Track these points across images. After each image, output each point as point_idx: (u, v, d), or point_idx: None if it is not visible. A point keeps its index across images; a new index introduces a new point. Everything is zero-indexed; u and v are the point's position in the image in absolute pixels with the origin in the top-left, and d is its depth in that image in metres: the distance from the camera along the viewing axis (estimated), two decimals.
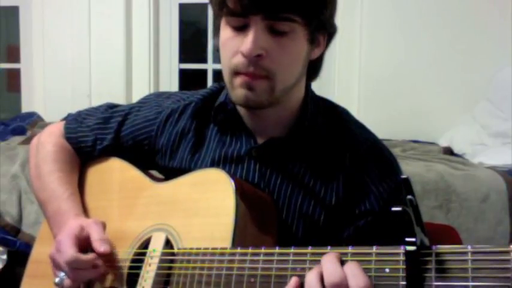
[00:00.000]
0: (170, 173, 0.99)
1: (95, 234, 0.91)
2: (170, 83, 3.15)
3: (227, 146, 0.96)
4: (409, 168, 1.97)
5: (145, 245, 0.91)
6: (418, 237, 0.60)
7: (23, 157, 2.00)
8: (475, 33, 2.65)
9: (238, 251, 0.76)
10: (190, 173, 0.93)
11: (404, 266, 0.61)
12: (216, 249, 0.79)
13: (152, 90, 3.07)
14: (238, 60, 0.83)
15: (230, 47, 0.85)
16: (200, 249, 0.81)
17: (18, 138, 2.50)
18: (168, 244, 0.87)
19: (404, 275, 0.61)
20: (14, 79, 3.31)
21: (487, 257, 0.57)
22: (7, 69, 3.41)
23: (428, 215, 1.82)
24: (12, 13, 3.22)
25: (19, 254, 1.81)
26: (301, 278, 0.69)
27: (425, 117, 2.74)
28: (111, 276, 0.92)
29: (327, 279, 0.63)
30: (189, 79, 3.21)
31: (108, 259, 0.91)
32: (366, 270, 0.64)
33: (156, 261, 0.86)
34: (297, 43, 0.84)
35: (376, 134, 0.98)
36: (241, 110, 0.95)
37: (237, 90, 0.86)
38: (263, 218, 0.86)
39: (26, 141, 2.34)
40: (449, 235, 1.47)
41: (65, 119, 1.15)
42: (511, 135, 2.30)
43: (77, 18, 3.05)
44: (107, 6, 3.03)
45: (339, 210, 0.90)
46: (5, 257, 1.82)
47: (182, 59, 3.17)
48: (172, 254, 0.85)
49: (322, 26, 0.88)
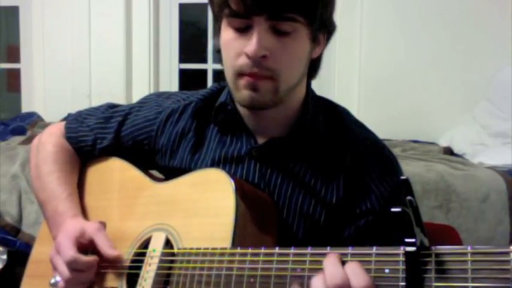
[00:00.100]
0: (170, 173, 0.99)
1: (102, 241, 0.91)
2: (170, 83, 3.15)
3: (227, 146, 0.96)
4: (409, 168, 1.97)
5: (145, 245, 0.91)
6: (418, 238, 0.60)
7: (23, 157, 2.00)
8: (475, 33, 2.65)
9: (238, 251, 0.76)
10: (191, 173, 0.93)
11: (404, 267, 0.61)
12: (216, 249, 0.79)
13: (152, 90, 3.07)
14: (243, 61, 0.83)
15: (233, 49, 0.84)
16: (200, 249, 0.81)
17: (18, 138, 2.50)
18: (168, 244, 0.87)
19: (404, 275, 0.61)
20: (14, 79, 3.31)
21: (487, 257, 0.56)
22: (7, 69, 3.41)
23: (428, 215, 1.82)
24: (12, 13, 3.22)
25: (19, 254, 1.81)
26: (301, 278, 0.69)
27: (425, 117, 2.74)
28: (111, 276, 0.92)
29: (329, 281, 0.63)
30: (189, 79, 3.20)
31: (108, 259, 0.91)
32: (365, 271, 0.63)
33: (156, 261, 0.86)
34: (299, 43, 0.84)
35: (376, 134, 0.98)
36: (242, 110, 0.95)
37: (241, 92, 0.85)
38: (263, 218, 0.86)
39: (26, 141, 2.35)
40: (449, 235, 1.47)
41: (65, 119, 1.16)
42: (511, 135, 2.30)
43: (77, 18, 3.05)
44: (107, 6, 3.03)
45: (340, 209, 0.90)
46: (5, 257, 1.82)
47: (182, 59, 3.17)
48: (172, 254, 0.85)
49: (323, 24, 0.88)
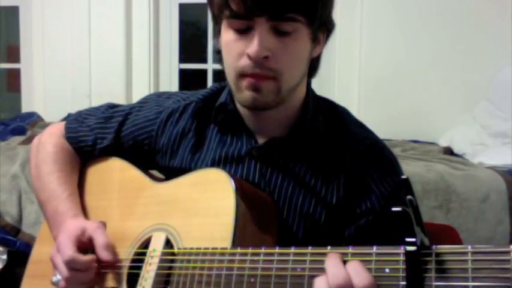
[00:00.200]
0: (170, 172, 0.99)
1: (99, 240, 0.91)
2: (170, 83, 3.15)
3: (227, 146, 0.96)
4: (409, 168, 1.97)
5: (146, 244, 0.91)
6: (418, 238, 0.60)
7: (23, 157, 2.00)
8: (475, 33, 2.65)
9: (239, 251, 0.76)
10: (191, 172, 0.93)
11: (404, 266, 0.61)
12: (216, 249, 0.79)
13: (152, 90, 3.07)
14: (244, 62, 0.83)
15: (234, 50, 0.84)
16: (200, 249, 0.81)
17: (18, 138, 2.50)
18: (168, 244, 0.87)
19: (404, 275, 0.61)
20: (14, 79, 3.31)
21: (487, 257, 0.56)
22: (7, 69, 3.41)
23: (428, 215, 1.82)
24: (12, 13, 3.22)
25: (19, 254, 1.81)
26: (301, 278, 0.69)
27: (425, 117, 2.74)
28: (112, 276, 0.92)
29: (332, 282, 0.63)
30: (189, 79, 3.20)
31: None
32: (367, 270, 0.63)
33: (156, 261, 0.86)
34: (300, 42, 0.84)
35: (376, 134, 0.98)
36: (242, 110, 0.95)
37: (244, 93, 0.85)
38: (263, 218, 0.86)
39: (26, 141, 2.35)
40: (449, 235, 1.46)
41: (65, 119, 1.16)
42: (511, 135, 2.30)
43: (77, 18, 3.05)
44: (106, 6, 3.03)
45: (340, 209, 0.90)
46: (5, 257, 1.82)
47: (182, 59, 3.17)
48: (173, 254, 0.85)
49: (323, 23, 0.88)
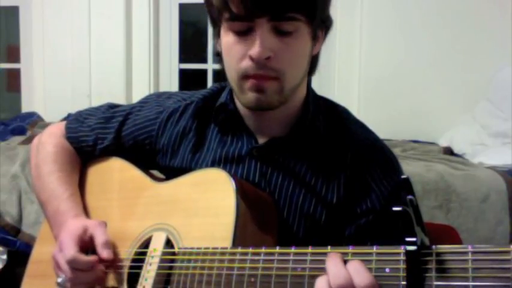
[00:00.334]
0: (171, 172, 0.99)
1: (99, 238, 0.91)
2: (170, 83, 3.15)
3: (228, 146, 0.96)
4: (409, 168, 1.97)
5: (146, 244, 0.91)
6: (419, 237, 0.60)
7: (23, 157, 2.00)
8: (475, 33, 2.65)
9: (239, 250, 0.76)
10: (191, 172, 0.93)
11: (404, 266, 0.61)
12: (216, 249, 0.79)
13: (152, 90, 3.07)
14: (247, 64, 0.83)
15: (235, 52, 0.84)
16: (201, 248, 0.81)
17: (18, 138, 2.50)
18: (168, 244, 0.87)
19: (404, 274, 0.61)
20: (14, 79, 3.31)
21: (488, 257, 0.56)
22: (7, 69, 3.41)
23: (428, 215, 1.82)
24: (12, 13, 3.22)
25: (19, 254, 1.81)
26: (301, 277, 0.69)
27: (425, 117, 2.74)
28: (112, 276, 0.92)
29: (332, 282, 0.63)
30: (189, 79, 3.20)
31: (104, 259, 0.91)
32: (367, 269, 0.63)
33: (156, 260, 0.86)
34: (301, 41, 0.85)
35: (376, 134, 0.98)
36: (242, 111, 0.95)
37: (247, 94, 0.86)
38: (263, 218, 0.86)
39: (26, 141, 2.35)
40: (449, 235, 1.46)
41: (65, 119, 1.16)
42: (511, 135, 2.30)
43: (77, 18, 3.05)
44: (106, 6, 3.03)
45: (340, 209, 0.90)
46: (5, 257, 1.82)
47: (182, 59, 3.17)
48: (173, 254, 0.85)
49: (322, 21, 0.89)
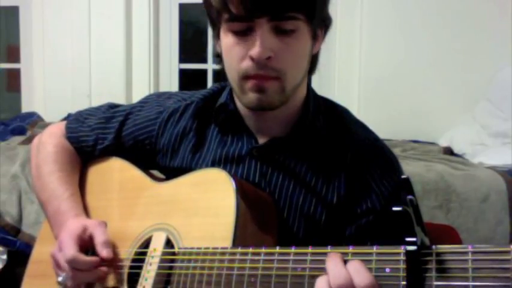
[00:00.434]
0: (171, 172, 0.99)
1: (99, 237, 0.91)
2: (170, 83, 3.15)
3: (228, 146, 0.96)
4: (409, 168, 1.97)
5: (146, 244, 0.91)
6: (419, 237, 0.60)
7: (23, 157, 2.00)
8: (475, 33, 2.65)
9: (239, 250, 0.76)
10: (191, 172, 0.93)
11: (404, 266, 0.61)
12: (216, 248, 0.79)
13: (152, 91, 3.07)
14: (247, 64, 0.83)
15: (236, 53, 0.84)
16: (201, 248, 0.81)
17: (18, 138, 2.50)
18: (168, 244, 0.87)
19: (404, 274, 0.61)
20: (14, 79, 3.31)
21: (488, 257, 0.56)
22: (7, 69, 3.41)
23: (428, 215, 1.82)
24: (12, 13, 3.22)
25: (19, 254, 1.81)
26: (301, 277, 0.69)
27: (425, 117, 2.74)
28: (112, 275, 0.92)
29: (333, 282, 0.63)
30: (189, 79, 3.20)
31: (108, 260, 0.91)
32: (367, 269, 0.63)
33: (156, 260, 0.86)
34: (301, 40, 0.85)
35: (376, 134, 0.98)
36: (243, 111, 0.95)
37: (248, 95, 0.86)
38: (264, 218, 0.86)
39: (26, 141, 2.35)
40: (449, 235, 1.47)
41: (65, 119, 1.16)
42: (511, 135, 2.30)
43: (77, 18, 3.05)
44: (106, 6, 3.03)
45: (341, 209, 0.90)
46: (5, 257, 1.82)
47: (182, 59, 3.17)
48: (173, 254, 0.85)
49: (322, 20, 0.89)
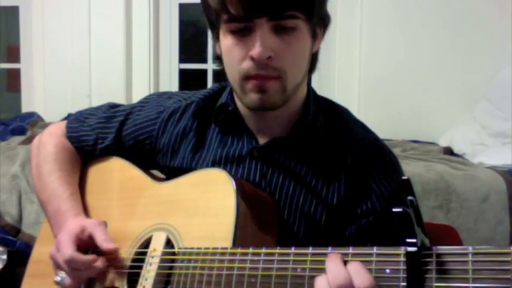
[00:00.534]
0: (171, 172, 0.99)
1: (99, 235, 0.91)
2: (170, 83, 3.15)
3: (228, 146, 0.96)
4: (409, 168, 1.97)
5: (146, 244, 0.91)
6: (419, 238, 0.60)
7: (23, 157, 2.00)
8: (475, 33, 2.65)
9: (239, 251, 0.76)
10: (191, 172, 0.93)
11: (404, 267, 0.61)
12: (216, 249, 0.79)
13: (152, 90, 3.07)
14: (248, 64, 0.83)
15: (236, 54, 0.84)
16: (201, 249, 0.81)
17: (18, 138, 2.50)
18: (168, 244, 0.87)
19: (404, 275, 0.61)
20: (14, 79, 3.31)
21: (488, 258, 0.56)
22: (7, 69, 3.41)
23: (428, 215, 1.82)
24: (12, 13, 3.22)
25: (19, 254, 1.81)
26: (301, 278, 0.69)
27: (425, 117, 2.74)
28: (112, 275, 0.92)
29: (332, 282, 0.63)
30: (189, 79, 3.20)
31: (108, 259, 0.91)
32: (367, 270, 0.63)
33: (156, 260, 0.86)
34: (301, 39, 0.85)
35: (376, 134, 0.98)
36: (243, 111, 0.95)
37: (249, 95, 0.85)
38: (264, 218, 0.86)
39: (26, 141, 2.35)
40: (449, 235, 1.46)
41: (65, 119, 1.16)
42: (511, 135, 2.30)
43: (77, 18, 3.05)
44: (106, 6, 3.03)
45: (341, 209, 0.90)
46: (5, 257, 1.82)
47: (182, 59, 3.17)
48: (173, 254, 0.85)
49: (321, 18, 0.89)
